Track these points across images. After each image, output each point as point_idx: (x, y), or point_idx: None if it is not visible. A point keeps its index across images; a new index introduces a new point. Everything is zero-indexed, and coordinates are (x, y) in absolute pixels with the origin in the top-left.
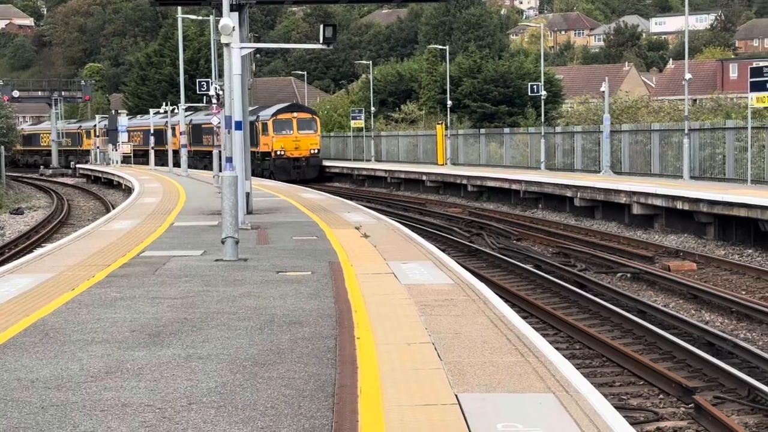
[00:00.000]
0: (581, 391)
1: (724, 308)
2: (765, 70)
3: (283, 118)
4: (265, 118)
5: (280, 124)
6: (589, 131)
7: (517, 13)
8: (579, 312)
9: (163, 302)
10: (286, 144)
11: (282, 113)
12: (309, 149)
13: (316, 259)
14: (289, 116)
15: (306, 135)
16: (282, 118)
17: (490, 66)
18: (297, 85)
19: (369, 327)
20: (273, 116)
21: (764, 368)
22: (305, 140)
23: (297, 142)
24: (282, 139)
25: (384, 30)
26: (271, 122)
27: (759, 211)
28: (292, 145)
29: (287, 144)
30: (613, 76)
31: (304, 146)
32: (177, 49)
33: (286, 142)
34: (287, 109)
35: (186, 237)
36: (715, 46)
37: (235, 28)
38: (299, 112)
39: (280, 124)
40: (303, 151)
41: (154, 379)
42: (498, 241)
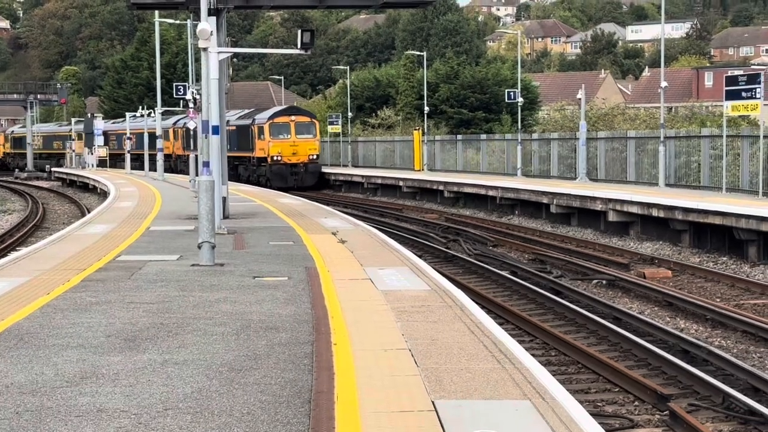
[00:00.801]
0: (557, 398)
1: (698, 315)
2: (740, 79)
3: (280, 122)
4: (261, 122)
5: (276, 128)
6: (565, 138)
7: (494, 19)
8: (555, 319)
9: (139, 307)
10: (283, 149)
11: (279, 116)
12: (307, 154)
13: (293, 265)
14: (286, 120)
15: (304, 139)
16: (279, 122)
17: (467, 72)
18: (274, 89)
19: (346, 333)
20: (269, 120)
21: (739, 376)
22: (303, 145)
23: (295, 147)
24: (279, 143)
25: (361, 35)
26: (267, 126)
27: (733, 219)
28: (290, 151)
29: (284, 149)
30: (589, 84)
31: (302, 151)
32: (154, 52)
33: (283, 147)
34: (285, 112)
35: (162, 241)
36: (690, 54)
37: (212, 33)
38: (297, 115)
39: (276, 127)
40: (301, 156)
41: (130, 384)
42: (474, 248)
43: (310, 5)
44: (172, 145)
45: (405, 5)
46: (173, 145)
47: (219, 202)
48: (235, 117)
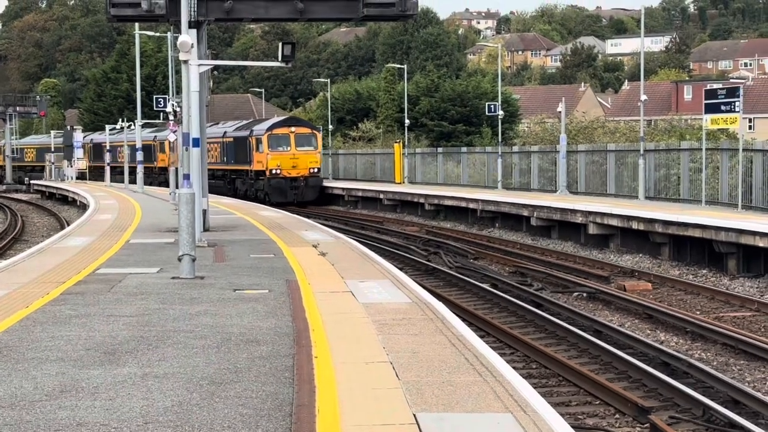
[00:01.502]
0: (539, 411)
1: (679, 328)
2: (719, 93)
3: (280, 133)
4: (260, 133)
5: (275, 140)
6: (545, 151)
7: (474, 33)
8: (536, 331)
9: (119, 320)
10: (283, 162)
11: (278, 128)
12: (308, 168)
13: (274, 277)
14: (285, 131)
15: (305, 152)
16: (278, 133)
17: (448, 85)
18: (255, 102)
19: (327, 346)
20: (268, 131)
21: (719, 388)
22: (304, 158)
23: (295, 160)
24: (278, 156)
25: (342, 48)
26: (265, 137)
27: (713, 232)
28: (290, 163)
29: (284, 162)
30: (569, 97)
31: (302, 164)
32: (134, 65)
33: (282, 160)
34: (284, 123)
35: (142, 254)
36: (669, 67)
37: (193, 45)
38: (297, 126)
39: (275, 139)
40: (301, 169)
41: (110, 398)
42: (455, 260)
43: (291, 18)
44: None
45: (385, 18)
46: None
47: (199, 215)
48: (232, 128)
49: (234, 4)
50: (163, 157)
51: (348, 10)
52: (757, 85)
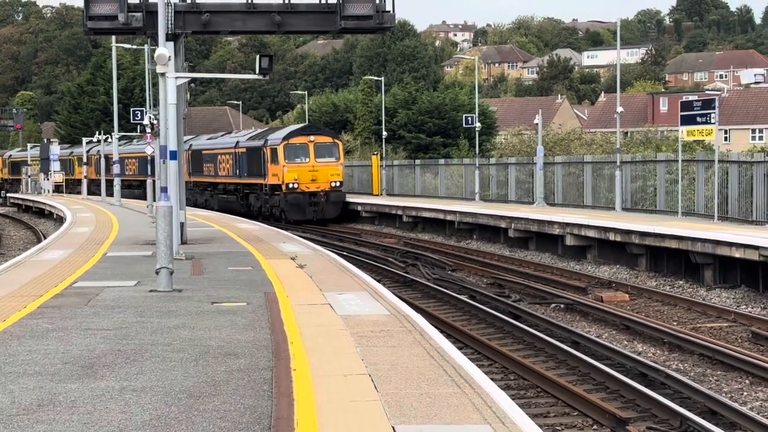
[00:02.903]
0: (517, 423)
1: (656, 339)
2: (695, 104)
3: (297, 143)
4: (275, 143)
5: (292, 150)
6: (522, 163)
7: (451, 45)
8: (514, 343)
9: (97, 334)
10: (301, 175)
11: (295, 136)
12: (329, 181)
13: (252, 290)
14: (304, 140)
15: (325, 164)
16: (295, 143)
17: (425, 97)
18: (232, 114)
19: (305, 358)
20: (284, 140)
21: (696, 399)
22: (324, 170)
23: (314, 173)
24: (295, 168)
25: (319, 61)
26: (281, 148)
27: (689, 243)
28: (308, 177)
29: (302, 175)
30: (546, 109)
31: (322, 177)
32: (111, 77)
33: (300, 173)
34: (302, 132)
35: (119, 267)
36: (645, 79)
37: (170, 58)
38: (317, 135)
39: (292, 149)
40: (322, 183)
41: (88, 411)
42: (433, 272)
43: (268, 30)
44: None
45: (363, 31)
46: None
47: (177, 228)
48: (245, 138)
49: (211, 16)
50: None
51: (325, 23)
52: (732, 97)
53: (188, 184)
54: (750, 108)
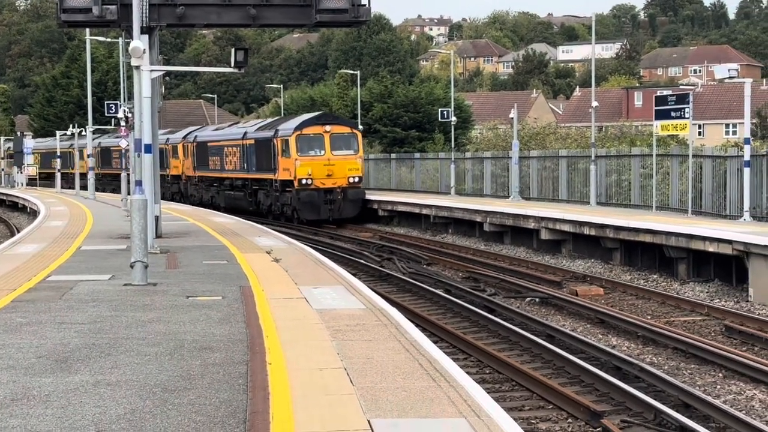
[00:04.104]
0: (492, 416)
1: (630, 333)
2: (669, 99)
3: (311, 134)
4: (286, 134)
5: (306, 142)
6: (498, 157)
7: (427, 39)
8: (489, 336)
9: (71, 327)
10: (315, 169)
11: (309, 126)
12: (347, 176)
13: (227, 284)
14: (318, 130)
15: (343, 157)
16: (309, 134)
17: (401, 91)
18: (207, 108)
19: (281, 352)
20: (296, 131)
21: (670, 392)
22: (342, 164)
23: (330, 167)
24: (309, 162)
25: (295, 54)
26: (293, 139)
27: (663, 237)
28: (323, 171)
29: (316, 169)
30: (521, 103)
31: (339, 172)
32: (85, 70)
33: (314, 167)
34: (316, 121)
35: (94, 261)
36: (620, 74)
37: (145, 51)
38: (334, 124)
39: (306, 141)
40: (338, 179)
41: (62, 405)
42: (408, 266)
43: (243, 24)
44: (182, 165)
45: (338, 24)
46: (182, 165)
47: (152, 221)
48: (254, 128)
49: (186, 9)
50: (176, 164)
51: (301, 17)
52: (706, 92)
53: (193, 179)
54: (724, 103)
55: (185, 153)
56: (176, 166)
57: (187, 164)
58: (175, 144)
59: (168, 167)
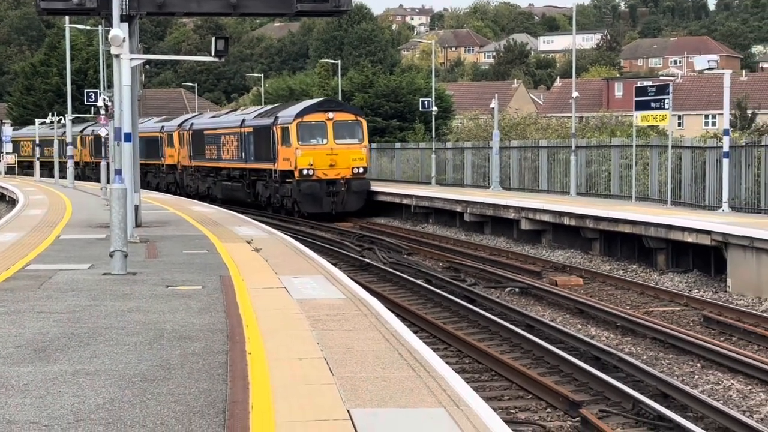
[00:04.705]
0: (471, 406)
1: (609, 323)
2: (649, 90)
3: (313, 121)
4: (286, 121)
5: (307, 130)
6: (478, 147)
7: (408, 29)
8: (469, 326)
9: (50, 317)
10: (317, 159)
11: (310, 113)
12: (350, 167)
13: (207, 273)
14: (321, 117)
15: (347, 146)
16: (310, 121)
17: (382, 81)
18: (187, 96)
19: (260, 342)
20: (297, 118)
21: (648, 382)
22: (345, 154)
23: (333, 157)
24: (310, 151)
25: (276, 43)
26: (294, 127)
27: (643, 228)
28: (326, 161)
29: (318, 159)
30: (502, 93)
31: (343, 162)
32: (64, 58)
33: (316, 157)
34: (319, 107)
35: (73, 250)
36: (600, 65)
37: (125, 39)
38: (337, 111)
39: (307, 129)
40: (342, 169)
41: (40, 395)
42: (389, 256)
43: (224, 12)
44: (177, 154)
45: (319, 14)
46: (178, 154)
47: (131, 211)
48: (252, 116)
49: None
50: (171, 153)
51: (282, 6)
52: (686, 83)
53: (189, 168)
54: (703, 94)
55: (181, 141)
56: (172, 156)
57: (183, 153)
58: (171, 132)
59: (163, 156)
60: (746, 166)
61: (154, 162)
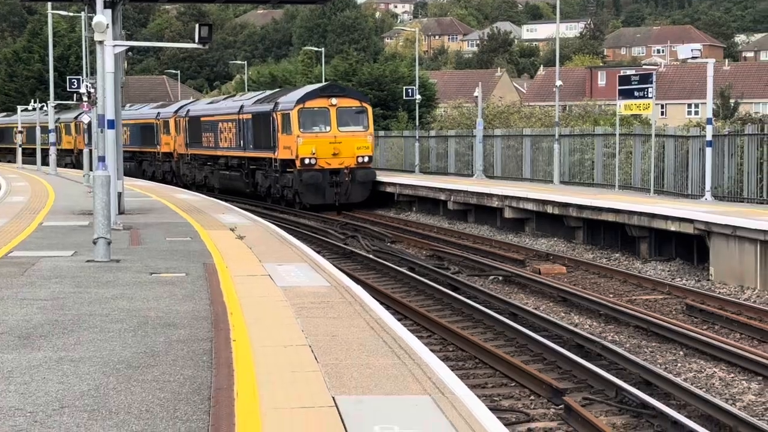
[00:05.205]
0: (456, 393)
1: (592, 311)
2: (633, 79)
3: (315, 107)
4: (287, 107)
5: (309, 116)
6: (462, 135)
7: (391, 17)
8: (452, 314)
9: (33, 304)
10: (319, 148)
11: (313, 99)
12: (355, 155)
13: (191, 261)
14: (323, 103)
15: (351, 133)
16: (313, 107)
17: (365, 69)
18: (170, 84)
19: (245, 329)
20: (298, 104)
21: (631, 370)
22: (349, 142)
23: (336, 145)
24: (313, 139)
25: (259, 31)
26: (295, 113)
27: (626, 216)
28: (329, 150)
29: (321, 148)
30: (486, 82)
31: (347, 151)
32: (46, 45)
33: (318, 145)
34: (321, 93)
35: (56, 237)
36: (584, 53)
37: (108, 26)
38: (341, 96)
39: (309, 115)
40: (346, 158)
41: (25, 382)
42: (373, 244)
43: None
44: (173, 141)
45: (302, 1)
46: (174, 141)
47: (114, 198)
48: (251, 101)
49: None
50: (167, 140)
51: None
52: (669, 72)
53: (185, 157)
54: (686, 83)
55: (177, 129)
56: (168, 143)
57: (179, 141)
58: (167, 119)
59: (159, 144)
60: (729, 155)
61: (150, 150)
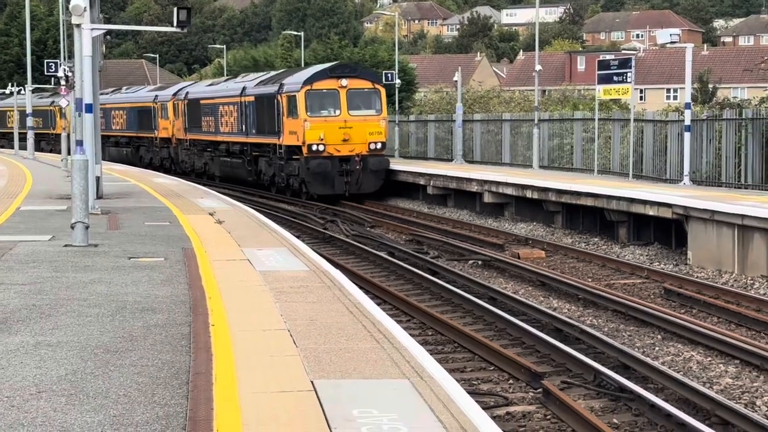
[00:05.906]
0: (435, 377)
1: (571, 295)
2: (612, 63)
3: (324, 89)
4: (293, 89)
5: (317, 99)
6: (442, 120)
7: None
8: (432, 299)
9: (10, 288)
10: (328, 133)
11: (321, 80)
12: (366, 142)
13: (169, 245)
14: (332, 85)
15: (362, 117)
16: (321, 89)
17: (345, 53)
18: (149, 67)
19: (224, 314)
20: (305, 85)
21: (609, 354)
22: (361, 127)
23: (346, 130)
24: (321, 124)
25: (238, 14)
26: (302, 95)
27: (605, 201)
28: (338, 136)
29: (329, 133)
30: (465, 66)
31: (358, 137)
32: (24, 28)
33: (327, 130)
34: (330, 73)
35: (33, 221)
36: (563, 38)
37: (86, 9)
38: (351, 77)
39: (317, 98)
40: (357, 144)
41: (2, 367)
42: (352, 228)
43: None
44: (172, 126)
45: None
46: (173, 126)
47: (93, 182)
48: (254, 83)
49: None
50: (165, 125)
51: None
52: (648, 57)
53: (184, 142)
54: (665, 68)
55: (176, 113)
56: (166, 128)
57: (178, 125)
58: (165, 102)
59: (156, 129)
60: (707, 140)
61: (147, 135)
